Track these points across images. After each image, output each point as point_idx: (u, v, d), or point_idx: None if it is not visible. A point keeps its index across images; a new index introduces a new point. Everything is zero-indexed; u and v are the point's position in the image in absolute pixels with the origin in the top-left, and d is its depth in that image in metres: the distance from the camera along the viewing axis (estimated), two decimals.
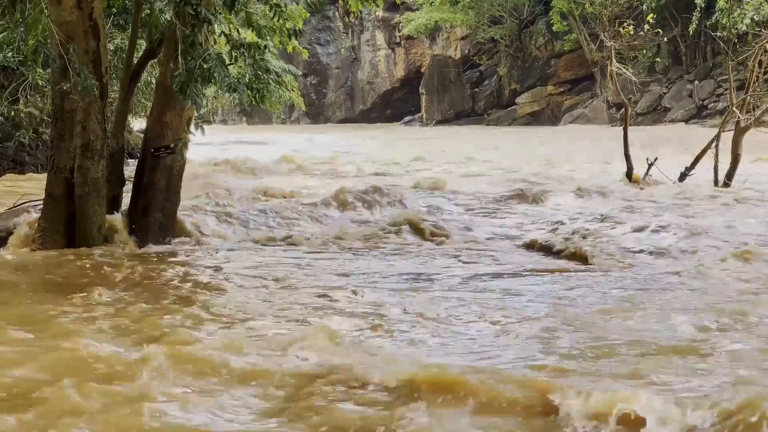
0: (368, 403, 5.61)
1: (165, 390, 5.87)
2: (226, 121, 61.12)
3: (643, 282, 9.46)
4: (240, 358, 6.41)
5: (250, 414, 5.57)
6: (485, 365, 6.32)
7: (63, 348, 6.74)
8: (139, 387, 5.91)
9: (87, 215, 11.64)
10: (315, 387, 5.89)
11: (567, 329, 7.35)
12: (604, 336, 7.12)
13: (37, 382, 5.99)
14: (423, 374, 5.90)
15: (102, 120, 11.73)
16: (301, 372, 6.18)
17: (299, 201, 16.33)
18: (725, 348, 6.73)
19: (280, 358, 6.50)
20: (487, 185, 20.18)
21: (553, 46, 53.48)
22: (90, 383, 5.89)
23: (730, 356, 6.53)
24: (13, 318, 7.84)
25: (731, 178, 18.71)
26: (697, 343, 6.84)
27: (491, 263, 10.89)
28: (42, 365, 6.36)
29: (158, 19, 13.09)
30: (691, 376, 6.00)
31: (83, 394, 5.71)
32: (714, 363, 6.37)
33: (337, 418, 5.41)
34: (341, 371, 6.09)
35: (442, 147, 35.58)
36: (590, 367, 6.25)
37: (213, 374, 6.18)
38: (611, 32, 22.18)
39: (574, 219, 13.97)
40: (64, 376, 6.00)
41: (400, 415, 5.35)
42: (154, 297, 8.78)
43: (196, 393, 5.86)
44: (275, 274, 10.05)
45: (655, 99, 47.67)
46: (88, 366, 6.34)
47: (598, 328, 7.39)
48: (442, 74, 58.04)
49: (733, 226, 13.11)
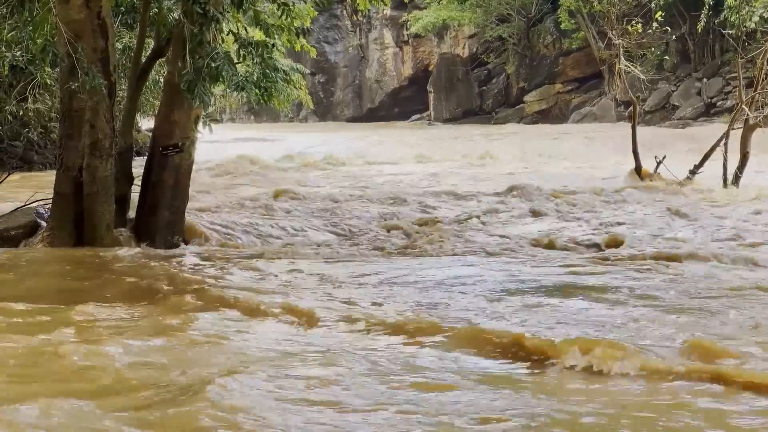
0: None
1: None
2: (234, 120, 61.11)
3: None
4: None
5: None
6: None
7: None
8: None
9: (95, 213, 11.66)
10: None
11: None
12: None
13: None
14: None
15: (110, 119, 11.75)
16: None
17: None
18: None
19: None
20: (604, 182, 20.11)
21: (560, 44, 53.29)
22: None
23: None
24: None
25: (740, 176, 18.66)
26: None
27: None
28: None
29: (166, 17, 13.11)
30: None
31: None
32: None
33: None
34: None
35: (481, 146, 34.44)
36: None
37: None
38: (619, 30, 22.12)
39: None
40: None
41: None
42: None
43: None
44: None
45: (664, 97, 47.49)
46: None
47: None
48: (449, 73, 57.90)
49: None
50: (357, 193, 18.66)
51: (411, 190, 19.59)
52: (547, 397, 5.84)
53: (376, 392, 5.92)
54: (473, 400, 5.78)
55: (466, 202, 17.25)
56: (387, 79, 62.99)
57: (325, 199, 17.36)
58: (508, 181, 20.13)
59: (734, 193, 17.52)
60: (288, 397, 5.79)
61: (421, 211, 16.15)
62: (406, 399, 5.78)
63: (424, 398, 5.80)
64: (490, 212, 15.76)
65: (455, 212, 15.93)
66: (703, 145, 20.44)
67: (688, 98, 46.60)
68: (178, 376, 6.17)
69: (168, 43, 12.81)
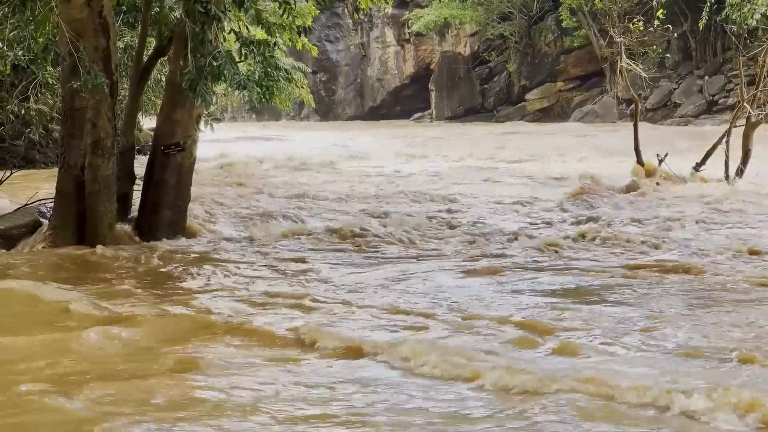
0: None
1: None
2: (235, 118, 61.08)
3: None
4: None
5: None
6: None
7: None
8: None
9: (97, 213, 11.66)
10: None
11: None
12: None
13: None
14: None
15: (112, 117, 11.75)
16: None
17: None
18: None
19: None
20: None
21: (562, 42, 53.26)
22: None
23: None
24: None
25: (742, 173, 18.66)
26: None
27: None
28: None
29: (167, 16, 13.12)
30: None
31: None
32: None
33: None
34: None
35: (497, 143, 33.69)
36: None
37: None
38: (621, 28, 22.16)
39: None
40: None
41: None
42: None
43: None
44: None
45: (665, 95, 47.47)
46: None
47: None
48: (451, 71, 57.89)
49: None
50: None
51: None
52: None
53: None
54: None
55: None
56: (388, 77, 62.96)
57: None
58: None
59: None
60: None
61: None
62: None
63: None
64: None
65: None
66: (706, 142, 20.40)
67: (690, 96, 46.57)
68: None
69: (170, 42, 12.82)
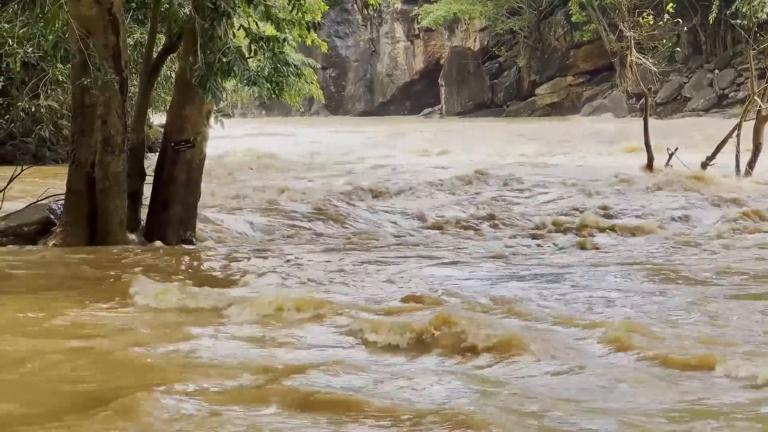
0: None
1: None
2: (245, 114, 61.12)
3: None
4: None
5: None
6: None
7: None
8: None
9: (108, 210, 11.67)
10: None
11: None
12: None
13: None
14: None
15: (122, 114, 11.77)
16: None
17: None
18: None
19: None
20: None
21: (572, 36, 53.23)
22: None
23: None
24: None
25: (753, 166, 18.64)
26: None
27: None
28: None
29: (177, 13, 13.10)
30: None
31: None
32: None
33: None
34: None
35: (516, 139, 33.83)
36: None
37: None
38: (630, 22, 22.09)
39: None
40: None
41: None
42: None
43: None
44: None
45: (675, 89, 47.39)
46: None
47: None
48: (461, 66, 57.88)
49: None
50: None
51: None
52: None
53: None
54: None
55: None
56: (398, 73, 62.97)
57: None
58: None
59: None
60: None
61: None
62: None
63: None
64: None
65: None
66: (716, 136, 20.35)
67: (700, 90, 46.47)
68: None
69: (179, 38, 12.82)
